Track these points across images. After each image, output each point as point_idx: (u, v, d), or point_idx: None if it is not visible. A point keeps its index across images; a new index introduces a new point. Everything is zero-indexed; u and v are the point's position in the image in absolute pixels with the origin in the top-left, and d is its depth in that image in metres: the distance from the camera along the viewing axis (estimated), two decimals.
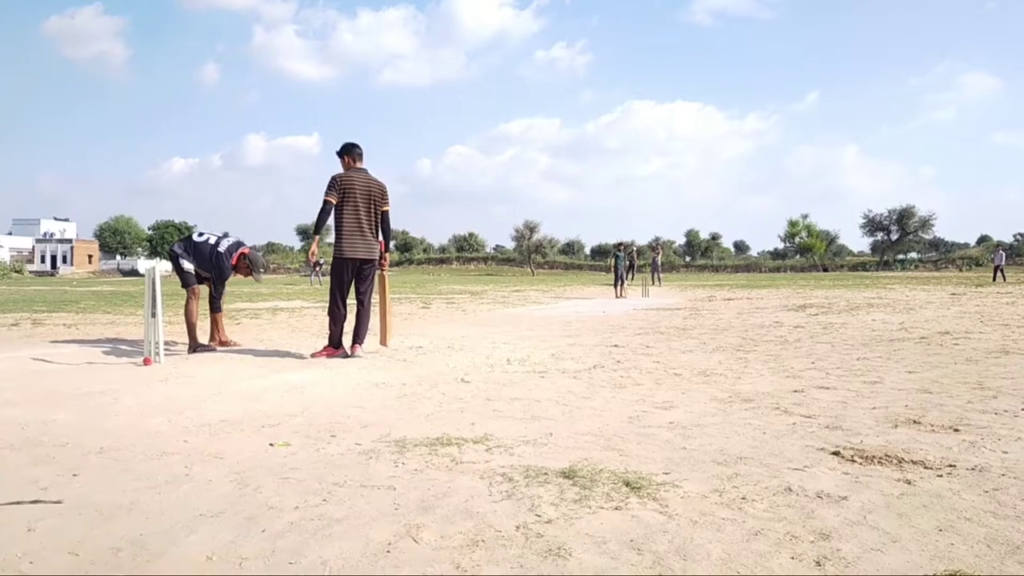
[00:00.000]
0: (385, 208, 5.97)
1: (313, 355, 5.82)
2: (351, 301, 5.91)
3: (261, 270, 6.83)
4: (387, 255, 6.14)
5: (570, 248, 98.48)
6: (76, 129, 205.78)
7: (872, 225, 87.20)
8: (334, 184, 5.76)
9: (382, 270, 6.15)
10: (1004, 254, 31.00)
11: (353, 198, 5.76)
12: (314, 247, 6.10)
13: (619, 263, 20.35)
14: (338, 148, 6.02)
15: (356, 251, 5.81)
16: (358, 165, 5.95)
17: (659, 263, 29.29)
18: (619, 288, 19.60)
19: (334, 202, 5.74)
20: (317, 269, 37.76)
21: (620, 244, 21.66)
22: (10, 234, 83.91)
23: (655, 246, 32.70)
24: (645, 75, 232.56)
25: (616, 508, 2.19)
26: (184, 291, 6.43)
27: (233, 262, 6.47)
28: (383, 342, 6.24)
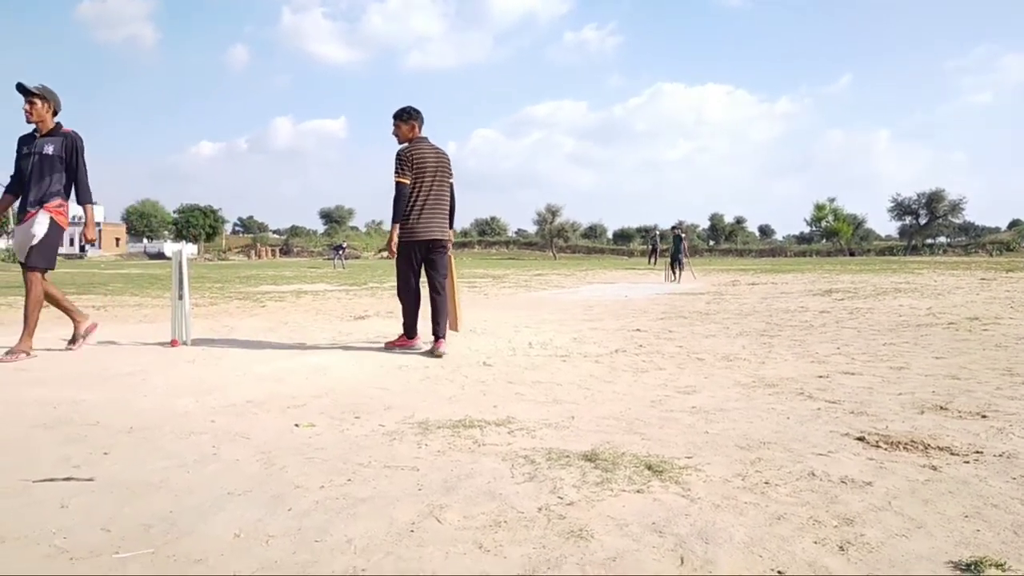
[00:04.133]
0: (451, 180, 5.43)
1: (388, 344, 5.46)
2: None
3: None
4: (452, 232, 5.56)
5: (592, 232, 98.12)
6: (105, 112, 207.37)
7: (900, 209, 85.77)
8: (405, 161, 5.16)
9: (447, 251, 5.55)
10: None
11: (425, 174, 5.21)
12: (394, 236, 5.23)
13: (679, 244, 20.25)
14: (398, 111, 5.34)
15: (431, 231, 5.27)
16: (422, 134, 5.35)
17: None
18: (673, 271, 19.52)
19: (408, 183, 5.16)
20: (341, 252, 37.47)
21: (680, 224, 21.56)
22: None
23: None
24: (675, 57, 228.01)
25: (638, 491, 2.19)
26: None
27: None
28: (454, 327, 5.71)
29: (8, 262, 39.66)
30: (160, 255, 71.26)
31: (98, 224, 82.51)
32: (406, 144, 5.29)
